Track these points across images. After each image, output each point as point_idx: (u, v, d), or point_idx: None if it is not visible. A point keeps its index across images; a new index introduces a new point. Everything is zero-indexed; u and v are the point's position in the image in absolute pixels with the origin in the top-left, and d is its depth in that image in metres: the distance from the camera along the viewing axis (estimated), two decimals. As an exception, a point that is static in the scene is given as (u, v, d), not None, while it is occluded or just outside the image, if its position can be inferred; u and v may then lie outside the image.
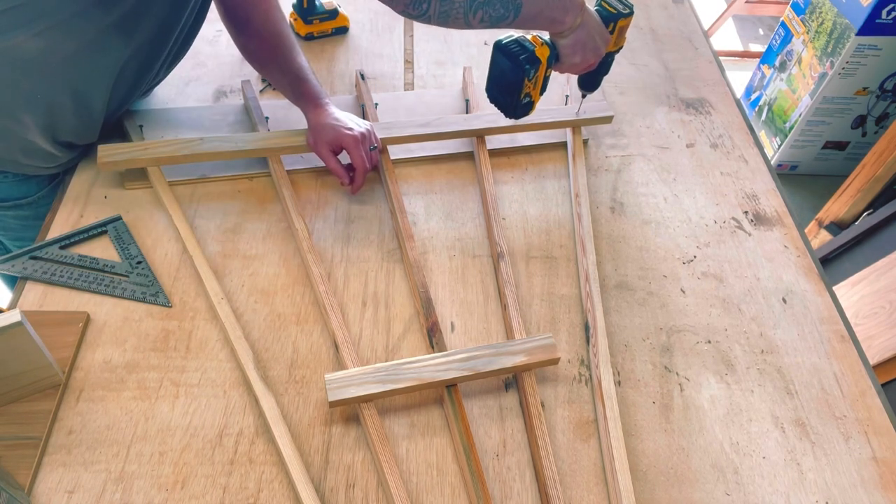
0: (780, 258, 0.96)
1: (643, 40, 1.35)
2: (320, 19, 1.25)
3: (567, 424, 0.76)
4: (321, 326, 0.82)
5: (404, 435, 0.74)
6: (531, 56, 0.84)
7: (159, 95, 1.11)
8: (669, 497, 0.71)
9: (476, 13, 0.77)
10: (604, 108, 1.08)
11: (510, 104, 0.90)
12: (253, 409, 0.74)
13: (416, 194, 1.00)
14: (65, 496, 0.66)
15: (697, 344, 0.85)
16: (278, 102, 1.09)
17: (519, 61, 0.83)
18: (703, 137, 1.14)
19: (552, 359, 0.77)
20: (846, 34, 2.04)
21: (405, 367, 0.74)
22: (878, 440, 0.77)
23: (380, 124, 1.02)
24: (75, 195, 0.94)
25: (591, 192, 1.02)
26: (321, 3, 1.24)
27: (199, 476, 0.69)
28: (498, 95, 0.91)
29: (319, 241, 0.92)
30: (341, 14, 1.27)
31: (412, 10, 0.76)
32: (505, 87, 0.88)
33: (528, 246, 0.94)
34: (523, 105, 0.90)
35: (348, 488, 0.69)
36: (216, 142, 0.95)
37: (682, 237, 0.97)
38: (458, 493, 0.69)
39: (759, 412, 0.78)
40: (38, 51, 0.77)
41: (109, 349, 0.78)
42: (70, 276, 0.84)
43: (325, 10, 1.25)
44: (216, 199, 0.96)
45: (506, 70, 0.86)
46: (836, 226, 2.01)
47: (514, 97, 0.88)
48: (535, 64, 0.84)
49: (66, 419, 0.72)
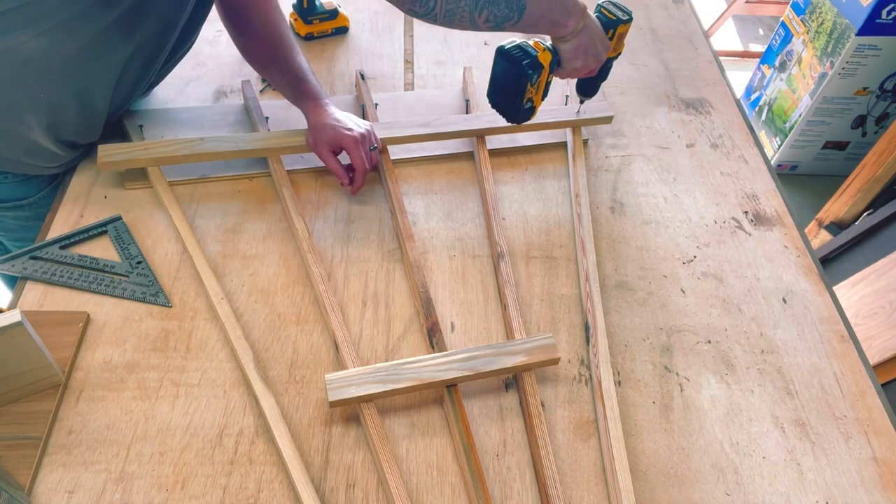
0: (780, 258, 0.96)
1: (643, 40, 1.35)
2: (320, 19, 1.25)
3: (567, 424, 0.76)
4: (321, 326, 0.82)
5: (404, 435, 0.74)
6: (534, 61, 0.84)
7: (159, 95, 1.11)
8: (669, 497, 0.71)
9: (482, 13, 0.77)
10: (604, 108, 1.08)
11: (512, 109, 0.90)
12: (253, 409, 0.74)
13: (416, 194, 1.00)
14: (65, 496, 0.66)
15: (697, 344, 0.85)
16: (278, 102, 1.09)
17: (522, 66, 0.84)
18: (703, 137, 1.14)
19: (552, 359, 0.77)
20: (846, 34, 2.04)
21: (405, 367, 0.74)
22: (878, 440, 0.77)
23: (380, 124, 1.02)
24: (75, 195, 0.94)
25: (591, 192, 1.02)
26: (321, 3, 1.24)
27: (199, 476, 0.69)
28: (500, 100, 0.91)
29: (319, 241, 0.92)
30: (341, 14, 1.27)
31: (418, 9, 0.76)
32: (507, 92, 0.88)
33: (528, 246, 0.94)
34: (525, 110, 0.90)
35: (348, 488, 0.69)
36: (216, 142, 0.95)
37: (682, 237, 0.97)
38: (458, 493, 0.69)
39: (759, 412, 0.78)
40: (41, 51, 0.77)
41: (109, 349, 0.78)
42: (70, 276, 0.84)
43: (325, 10, 1.25)
44: (216, 199, 0.96)
45: (508, 75, 0.86)
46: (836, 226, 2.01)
47: (516, 102, 0.88)
48: (538, 69, 0.84)
49: (66, 419, 0.72)
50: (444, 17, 0.77)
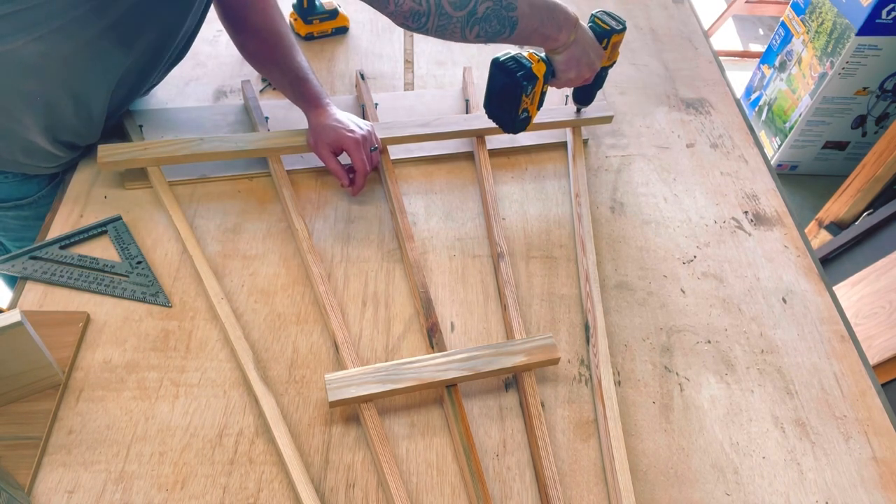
0: (780, 258, 0.96)
1: (643, 40, 1.35)
2: (320, 19, 1.25)
3: (567, 424, 0.76)
4: (321, 326, 0.82)
5: (404, 435, 0.74)
6: (528, 73, 0.84)
7: (159, 95, 1.11)
8: (669, 497, 0.71)
9: (472, 29, 0.78)
10: (604, 108, 1.08)
11: (508, 119, 0.91)
12: (253, 409, 0.74)
13: (416, 194, 1.00)
14: (65, 496, 0.66)
15: (697, 344, 0.85)
16: (278, 102, 1.09)
17: (516, 78, 0.84)
18: (703, 137, 1.14)
19: (552, 359, 0.77)
20: (846, 34, 2.04)
21: (405, 367, 0.74)
22: (878, 440, 0.77)
23: (380, 124, 1.02)
24: (75, 195, 0.94)
25: (591, 192, 1.02)
26: (321, 3, 1.24)
27: (199, 476, 0.69)
28: (496, 111, 0.92)
29: (319, 241, 0.92)
30: (341, 14, 1.27)
31: (411, 23, 0.77)
32: (503, 103, 0.89)
33: (528, 246, 0.94)
34: (521, 120, 0.91)
35: (348, 488, 0.69)
36: (216, 142, 0.95)
37: (682, 237, 0.97)
38: (458, 493, 0.69)
39: (759, 412, 0.78)
40: (38, 55, 0.77)
41: (109, 349, 0.78)
42: (70, 276, 0.84)
43: (325, 10, 1.25)
44: (216, 199, 0.96)
45: (504, 86, 0.87)
46: (836, 226, 2.01)
47: (512, 113, 0.89)
48: (532, 80, 0.85)
49: (66, 419, 0.72)
50: (436, 31, 0.79)
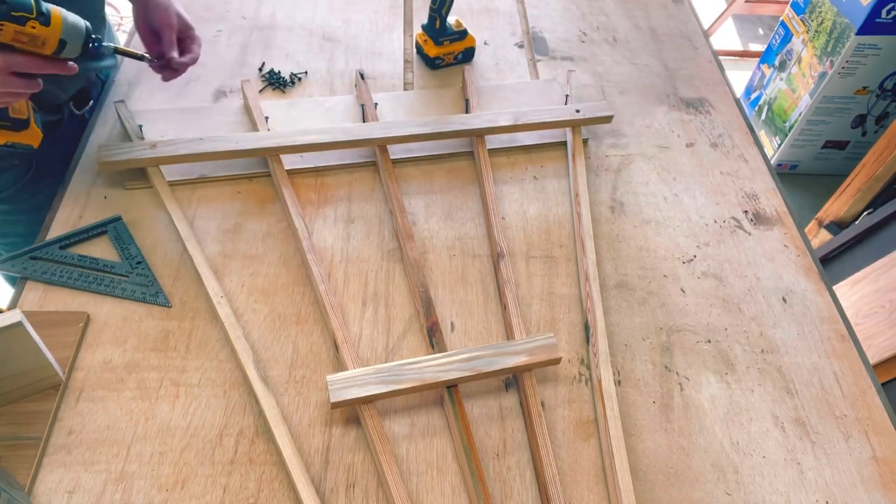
0: (780, 258, 0.96)
1: (643, 40, 1.35)
2: (450, 40, 1.19)
3: (567, 424, 0.76)
4: (321, 326, 0.82)
5: (404, 435, 0.74)
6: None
7: (159, 95, 1.11)
8: (669, 497, 0.71)
9: None
10: (603, 108, 1.08)
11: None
12: (253, 409, 0.74)
13: (416, 194, 1.00)
14: (65, 496, 0.66)
15: (697, 343, 0.85)
16: (278, 102, 1.09)
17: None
18: (702, 137, 1.14)
19: (554, 358, 0.77)
20: (846, 33, 2.04)
21: (407, 368, 0.74)
22: (878, 439, 0.77)
23: (380, 124, 1.02)
24: (75, 195, 0.94)
25: (591, 191, 1.02)
26: (450, 24, 1.19)
27: (199, 476, 0.69)
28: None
29: (319, 241, 0.92)
30: (469, 35, 1.21)
31: None
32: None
33: (528, 246, 0.94)
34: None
35: (348, 488, 0.69)
36: (216, 142, 0.95)
37: (682, 237, 0.97)
38: (458, 493, 0.69)
39: (759, 412, 0.78)
40: None
41: (109, 349, 0.78)
42: (70, 276, 0.84)
43: (455, 31, 1.19)
44: (216, 199, 0.96)
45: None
46: (836, 225, 2.01)
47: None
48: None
49: (66, 419, 0.72)
50: None
